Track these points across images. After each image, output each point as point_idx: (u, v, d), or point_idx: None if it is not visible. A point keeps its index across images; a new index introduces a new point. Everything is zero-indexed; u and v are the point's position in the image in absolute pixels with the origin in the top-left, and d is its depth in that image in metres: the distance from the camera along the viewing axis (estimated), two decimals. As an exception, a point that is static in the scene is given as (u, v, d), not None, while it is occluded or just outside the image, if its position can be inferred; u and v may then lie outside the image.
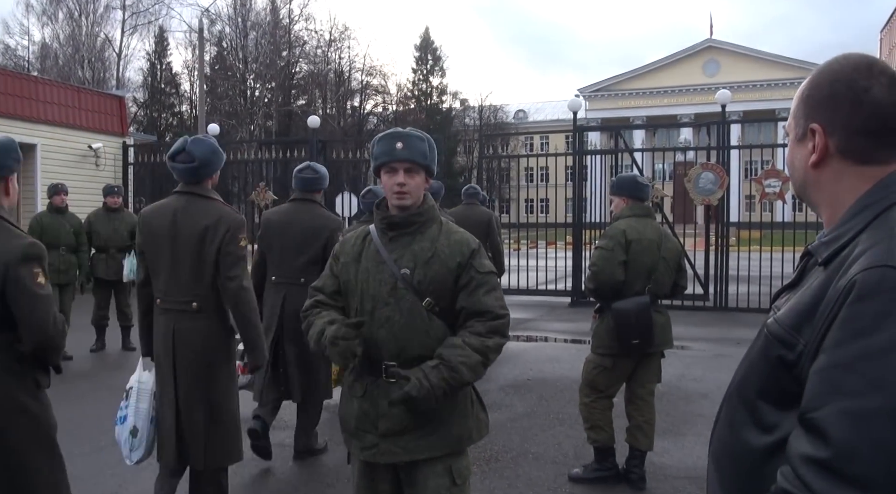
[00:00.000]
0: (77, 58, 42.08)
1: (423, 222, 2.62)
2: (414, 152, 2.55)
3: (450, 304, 2.57)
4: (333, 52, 51.88)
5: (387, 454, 2.55)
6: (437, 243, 2.59)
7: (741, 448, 1.24)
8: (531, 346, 9.65)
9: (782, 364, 1.17)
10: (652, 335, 4.44)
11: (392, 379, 2.52)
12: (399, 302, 2.53)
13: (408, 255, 2.57)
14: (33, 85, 15.76)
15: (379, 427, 2.55)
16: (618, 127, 17.13)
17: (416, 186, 2.58)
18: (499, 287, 2.65)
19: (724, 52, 56.77)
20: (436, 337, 2.54)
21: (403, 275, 2.54)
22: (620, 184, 4.70)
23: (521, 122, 61.20)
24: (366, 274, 2.60)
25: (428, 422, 2.53)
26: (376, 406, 2.55)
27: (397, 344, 2.53)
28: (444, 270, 2.55)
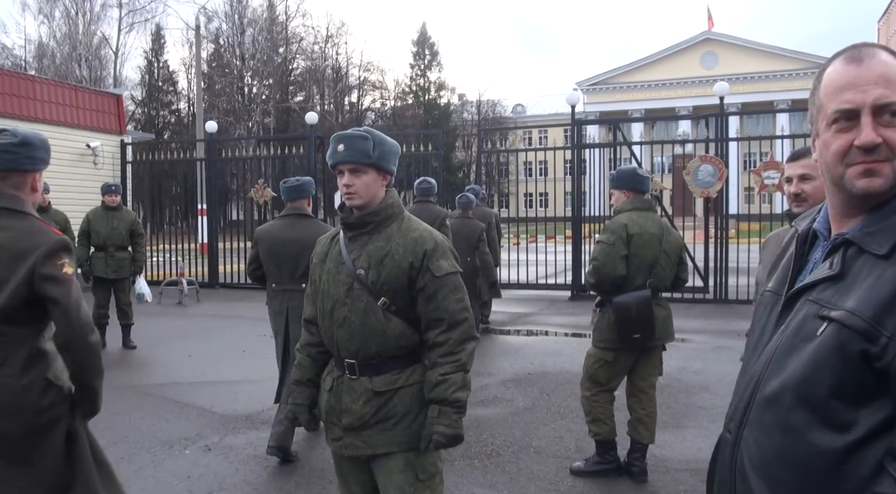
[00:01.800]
0: (74, 56, 42.00)
1: (379, 221, 2.60)
2: (354, 153, 2.54)
3: (407, 303, 2.56)
4: (330, 48, 51.92)
5: (350, 447, 2.60)
6: (392, 242, 2.57)
7: (808, 452, 1.16)
8: (532, 340, 9.66)
9: (863, 358, 1.12)
10: (653, 329, 4.44)
11: (354, 376, 2.58)
12: (355, 303, 2.56)
13: (364, 255, 2.58)
14: (30, 84, 15.73)
15: (342, 421, 2.61)
16: (616, 120, 17.12)
17: (363, 186, 2.56)
18: (460, 287, 2.61)
19: (722, 44, 56.72)
20: (393, 336, 2.55)
21: (358, 276, 2.56)
22: (621, 178, 4.69)
23: (519, 116, 61.17)
24: (328, 274, 2.65)
25: (389, 418, 2.56)
26: (340, 400, 2.62)
27: (355, 344, 2.56)
28: (396, 270, 2.54)
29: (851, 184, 1.24)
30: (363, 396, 2.57)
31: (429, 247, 2.56)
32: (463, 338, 2.55)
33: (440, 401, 2.50)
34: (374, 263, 2.55)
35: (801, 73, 54.04)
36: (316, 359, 2.78)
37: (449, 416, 2.49)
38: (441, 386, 2.49)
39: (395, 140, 2.68)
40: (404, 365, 2.58)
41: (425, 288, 2.54)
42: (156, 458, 4.62)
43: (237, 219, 17.90)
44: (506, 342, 9.50)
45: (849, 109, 1.23)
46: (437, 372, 2.51)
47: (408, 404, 2.56)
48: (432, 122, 49.41)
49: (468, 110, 58.12)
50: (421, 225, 2.68)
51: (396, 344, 2.56)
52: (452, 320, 2.54)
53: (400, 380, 2.57)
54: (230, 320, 11.04)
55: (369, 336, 2.54)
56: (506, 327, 10.60)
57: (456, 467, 4.81)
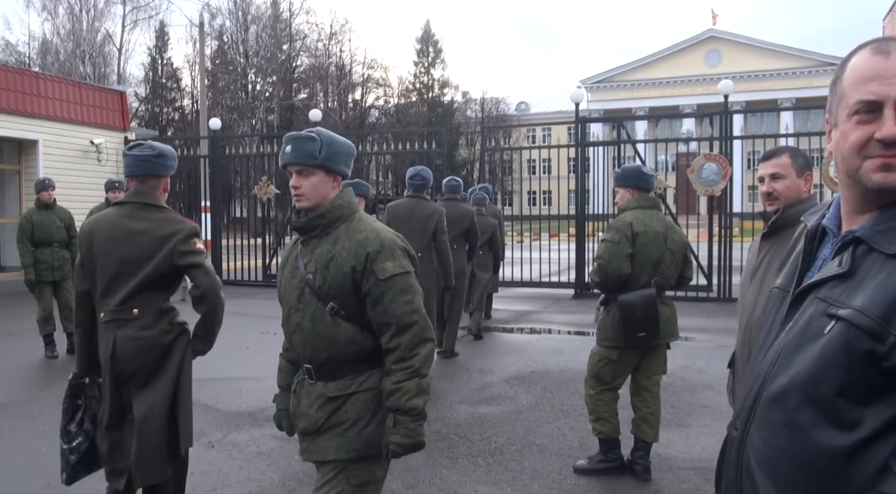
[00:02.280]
0: (78, 53, 42.02)
1: (326, 224, 2.55)
2: (300, 154, 2.51)
3: (356, 307, 2.51)
4: (334, 45, 51.92)
5: (305, 452, 2.59)
6: (338, 245, 2.52)
7: (814, 451, 1.15)
8: (535, 338, 9.65)
9: (871, 358, 1.11)
10: (657, 327, 4.43)
11: (312, 380, 2.57)
12: (306, 308, 2.53)
13: (313, 260, 2.54)
14: (35, 80, 15.75)
15: (299, 425, 2.60)
16: (620, 118, 17.08)
17: (311, 188, 2.52)
18: (408, 288, 2.51)
19: (726, 42, 56.60)
20: (343, 341, 2.51)
21: (307, 281, 2.53)
22: (625, 176, 4.67)
23: (523, 114, 61.12)
24: (286, 279, 2.64)
25: (340, 423, 2.51)
26: (299, 404, 2.61)
27: (308, 349, 2.55)
28: (340, 274, 2.48)
29: (868, 178, 1.22)
30: (318, 401, 2.54)
31: (372, 249, 2.48)
32: (415, 342, 2.47)
33: (395, 411, 2.43)
34: (321, 268, 2.51)
35: (805, 71, 53.92)
36: (295, 363, 2.76)
37: (405, 425, 2.42)
38: (395, 395, 2.42)
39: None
40: (360, 370, 2.53)
41: (370, 292, 2.48)
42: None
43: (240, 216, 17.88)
44: (509, 340, 9.50)
45: (872, 101, 1.21)
46: (391, 380, 2.44)
47: (360, 410, 2.50)
48: (436, 120, 49.40)
49: (472, 108, 58.08)
50: (370, 225, 2.58)
51: (347, 349, 2.51)
52: (400, 323, 2.46)
53: (353, 386, 2.51)
54: (233, 317, 11.02)
55: (319, 341, 2.52)
56: (509, 325, 10.60)
57: (459, 465, 4.81)
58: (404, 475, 4.61)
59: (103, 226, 3.37)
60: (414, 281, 2.55)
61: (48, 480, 4.50)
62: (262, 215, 16.39)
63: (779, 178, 2.95)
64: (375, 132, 43.35)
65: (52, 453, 4.95)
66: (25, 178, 15.24)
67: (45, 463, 4.78)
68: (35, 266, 8.13)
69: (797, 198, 2.94)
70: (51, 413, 5.96)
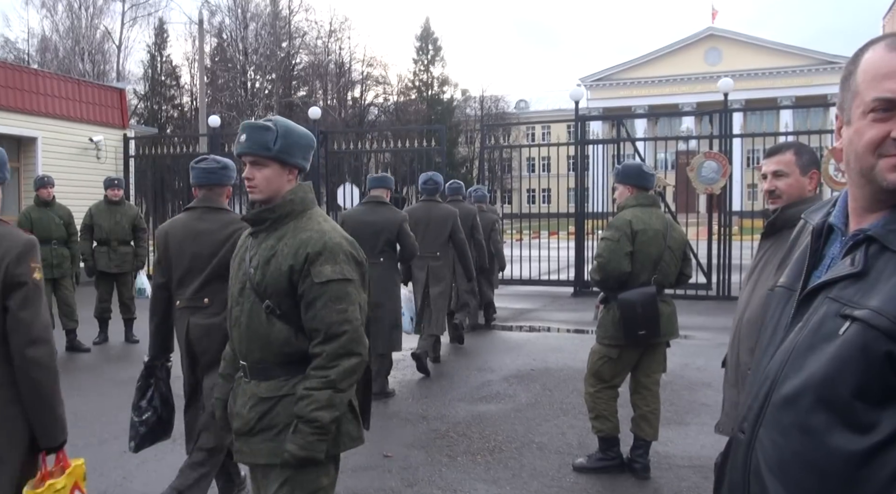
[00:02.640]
0: (77, 50, 42.02)
1: (275, 219, 2.46)
2: (253, 144, 2.42)
3: (292, 308, 2.41)
4: (334, 42, 51.87)
5: (239, 453, 2.50)
6: (282, 242, 2.43)
7: (828, 454, 1.13)
8: (534, 336, 9.65)
9: (889, 359, 1.08)
10: (658, 325, 4.42)
11: (247, 378, 2.48)
12: (245, 303, 2.46)
13: (258, 254, 2.46)
14: (34, 78, 15.73)
15: (234, 424, 2.51)
16: (619, 116, 17.07)
17: (263, 179, 2.44)
18: (344, 296, 2.39)
19: (726, 40, 56.61)
20: (277, 342, 2.41)
21: (249, 275, 2.46)
22: (626, 173, 4.66)
23: (522, 112, 61.12)
24: (234, 271, 2.57)
25: (272, 427, 2.41)
26: (235, 402, 2.53)
27: (244, 346, 2.47)
28: (278, 273, 2.39)
29: (882, 178, 1.19)
30: (251, 400, 2.44)
31: (312, 251, 2.37)
32: (338, 353, 2.34)
33: (299, 418, 2.32)
34: (262, 264, 2.42)
35: (805, 69, 53.93)
36: None
37: (304, 436, 2.31)
38: (303, 401, 2.32)
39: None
40: (293, 373, 2.41)
41: (305, 295, 2.37)
42: (158, 452, 4.61)
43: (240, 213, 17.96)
44: (508, 338, 9.50)
45: (890, 99, 1.18)
46: (304, 385, 2.34)
47: (291, 415, 2.38)
48: (435, 118, 49.41)
49: (471, 106, 58.07)
50: (318, 225, 2.46)
51: (281, 351, 2.41)
52: (329, 332, 2.34)
53: (284, 388, 2.41)
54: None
55: (254, 339, 2.43)
56: (508, 323, 10.59)
57: (458, 463, 4.80)
58: (403, 473, 4.61)
59: (177, 228, 3.90)
60: (353, 290, 2.41)
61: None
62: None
63: (781, 176, 2.89)
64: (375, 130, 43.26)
65: (51, 450, 4.95)
66: (24, 176, 15.22)
67: (43, 461, 4.78)
68: (33, 263, 8.12)
69: (800, 196, 2.89)
70: (50, 411, 5.96)
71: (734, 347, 2.90)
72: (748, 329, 2.82)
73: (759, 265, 2.91)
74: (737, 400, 2.80)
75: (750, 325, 2.82)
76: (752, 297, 2.88)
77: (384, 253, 6.28)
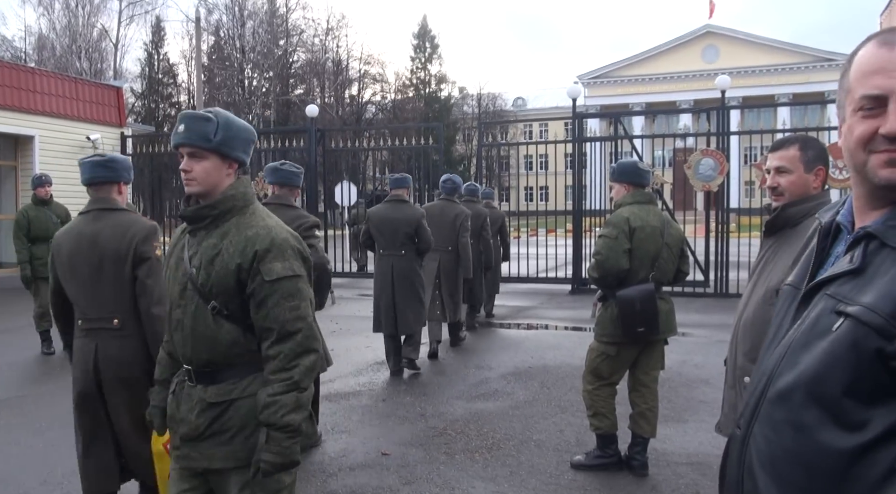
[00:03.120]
0: (74, 48, 41.93)
1: (216, 215, 2.35)
2: (193, 135, 2.30)
3: (241, 308, 2.33)
4: (331, 40, 51.90)
5: (186, 458, 2.39)
6: (226, 240, 2.33)
7: (818, 451, 1.12)
8: (532, 334, 9.65)
9: (879, 357, 1.07)
10: (657, 322, 4.42)
11: (192, 383, 2.39)
12: (187, 305, 2.35)
13: (199, 253, 2.35)
14: (31, 76, 15.70)
15: (179, 430, 2.41)
16: (617, 113, 17.07)
17: (202, 172, 2.32)
18: (297, 293, 2.33)
19: (724, 37, 56.63)
20: (225, 344, 2.33)
21: (190, 276, 2.34)
22: (622, 171, 4.65)
23: (519, 110, 61.12)
24: (170, 272, 2.45)
25: (224, 431, 2.34)
26: (178, 408, 2.42)
27: (188, 349, 2.36)
28: (224, 271, 2.30)
29: (874, 174, 1.19)
30: (198, 406, 2.35)
31: (261, 248, 2.30)
32: (297, 352, 2.28)
33: (269, 425, 2.24)
34: (205, 263, 2.32)
35: (802, 66, 53.96)
36: (175, 357, 2.55)
37: (279, 443, 2.24)
38: (270, 409, 2.24)
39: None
40: (242, 375, 2.35)
41: (255, 294, 2.29)
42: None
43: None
44: (506, 336, 9.50)
45: (876, 95, 1.18)
46: (267, 391, 2.26)
47: (244, 417, 2.32)
48: (433, 116, 49.41)
49: (469, 103, 58.07)
50: (263, 221, 2.38)
51: (229, 352, 2.33)
52: (283, 331, 2.28)
53: (235, 391, 2.34)
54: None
55: (200, 342, 2.33)
56: (506, 321, 10.60)
57: (457, 460, 4.81)
58: (401, 471, 4.61)
59: None
60: (304, 287, 2.36)
61: (44, 477, 4.50)
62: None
63: (784, 173, 2.77)
64: (372, 128, 43.26)
65: (49, 449, 4.95)
66: (21, 174, 15.21)
67: (41, 460, 4.78)
68: (31, 262, 8.11)
69: (804, 194, 2.77)
70: (47, 410, 5.96)
71: (732, 349, 2.88)
72: (745, 331, 2.79)
73: (761, 264, 2.84)
74: (735, 402, 2.78)
75: (747, 327, 2.78)
76: (750, 298, 2.83)
77: (405, 246, 7.00)
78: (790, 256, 2.72)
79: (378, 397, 6.41)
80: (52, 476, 4.54)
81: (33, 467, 4.67)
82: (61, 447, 4.73)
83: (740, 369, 2.78)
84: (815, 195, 2.78)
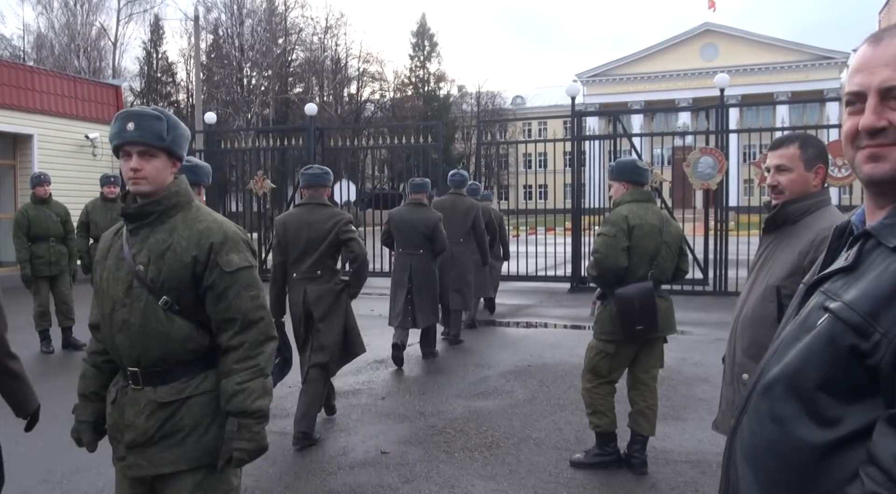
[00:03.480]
0: (73, 47, 41.85)
1: (161, 211, 2.34)
2: (146, 133, 2.28)
3: (193, 302, 2.33)
4: (330, 39, 51.77)
5: (133, 467, 2.33)
6: (176, 234, 2.32)
7: (792, 444, 1.12)
8: (531, 332, 9.66)
9: (854, 354, 1.07)
10: (656, 321, 4.42)
11: (137, 386, 2.33)
12: (134, 303, 2.30)
13: (145, 249, 2.32)
14: (29, 75, 15.69)
15: (125, 438, 2.34)
16: (616, 112, 17.07)
17: (154, 171, 2.31)
18: (254, 283, 2.37)
19: (722, 35, 56.62)
20: (178, 340, 2.30)
21: (137, 272, 2.30)
22: (620, 169, 4.66)
23: (518, 108, 61.06)
24: (108, 272, 2.38)
25: (175, 432, 2.30)
26: (123, 415, 2.35)
27: (136, 350, 2.30)
28: (178, 265, 2.29)
29: (859, 170, 1.20)
30: (147, 408, 2.30)
31: (216, 240, 2.32)
32: (260, 340, 2.33)
33: (240, 414, 2.25)
34: (155, 258, 2.30)
35: (801, 64, 53.96)
36: (101, 369, 2.51)
37: (250, 429, 2.26)
38: (239, 397, 2.25)
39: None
40: (194, 372, 2.33)
41: (214, 286, 2.30)
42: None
43: (236, 211, 17.81)
44: (505, 334, 9.51)
45: (857, 91, 1.19)
46: (234, 380, 2.27)
47: (197, 416, 2.30)
48: (432, 114, 49.35)
49: (467, 102, 58.02)
50: (210, 215, 2.42)
51: (182, 349, 2.31)
52: (246, 320, 2.30)
53: (188, 389, 2.31)
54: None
55: (151, 340, 2.29)
56: (505, 319, 10.60)
57: (456, 459, 4.81)
58: (400, 469, 4.62)
59: (293, 219, 5.28)
60: (258, 276, 2.41)
61: (44, 476, 4.50)
62: (258, 209, 16.34)
63: (784, 171, 2.77)
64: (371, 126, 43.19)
65: (49, 449, 4.95)
66: (20, 173, 15.20)
67: (41, 458, 4.78)
68: (31, 261, 8.11)
69: (803, 192, 2.78)
70: (47, 409, 5.93)
71: (731, 346, 2.88)
72: (743, 328, 2.80)
73: (759, 262, 2.84)
74: (733, 399, 2.78)
75: (745, 324, 2.79)
76: (749, 295, 2.83)
77: (423, 246, 7.46)
78: (790, 253, 2.74)
79: (377, 395, 6.41)
80: (52, 475, 4.55)
81: (33, 466, 4.67)
82: (61, 446, 4.72)
83: (738, 366, 2.78)
84: (814, 193, 2.80)
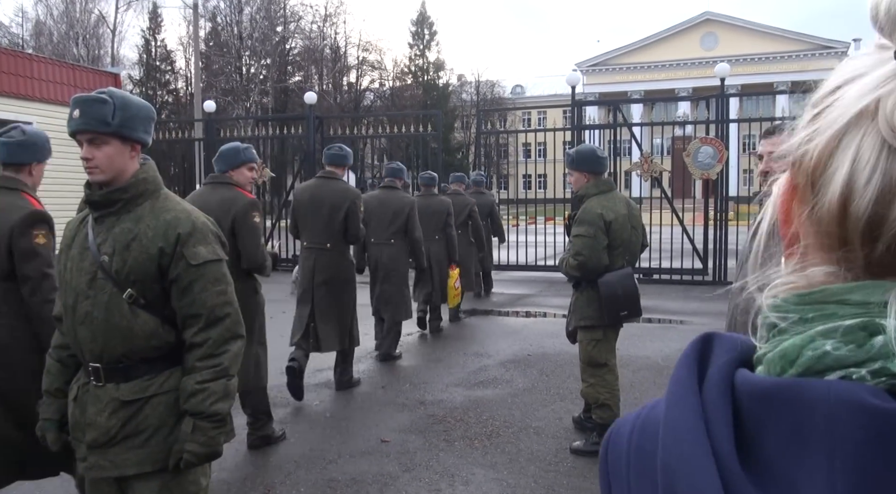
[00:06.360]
0: (71, 35, 41.75)
1: (128, 199, 2.22)
2: (90, 119, 2.16)
3: (159, 296, 2.22)
4: (329, 27, 51.55)
5: (95, 468, 2.23)
6: (142, 223, 2.21)
7: None
8: (531, 322, 9.67)
9: None
10: (639, 304, 4.53)
11: (99, 383, 2.23)
12: (98, 296, 2.19)
13: (110, 239, 2.21)
14: (28, 62, 15.63)
15: (86, 437, 2.23)
16: (616, 101, 17.03)
17: (105, 159, 2.19)
18: (222, 278, 2.28)
19: (722, 24, 56.42)
20: (142, 335, 2.20)
21: (102, 263, 2.19)
22: (581, 158, 4.62)
23: (518, 97, 60.88)
24: (72, 262, 2.26)
25: (139, 432, 2.20)
26: (84, 412, 2.24)
27: (98, 344, 2.20)
28: (144, 256, 2.18)
29: None
30: (109, 406, 2.20)
31: (183, 231, 2.21)
32: (225, 338, 2.23)
33: (196, 414, 2.17)
34: (119, 249, 2.18)
35: (801, 54, 53.79)
36: (66, 364, 2.38)
37: (206, 432, 2.17)
38: (197, 397, 2.16)
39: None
40: (159, 370, 2.23)
41: (179, 279, 2.20)
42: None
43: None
44: (505, 323, 9.51)
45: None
46: (194, 379, 2.17)
47: (162, 415, 2.21)
48: (431, 103, 49.21)
49: (467, 91, 57.84)
50: (179, 205, 2.31)
51: (147, 345, 2.20)
52: (211, 316, 2.21)
53: (152, 387, 2.21)
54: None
55: (114, 334, 2.18)
56: (505, 308, 10.61)
57: (456, 448, 4.83)
58: (400, 458, 4.63)
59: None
60: (227, 271, 2.31)
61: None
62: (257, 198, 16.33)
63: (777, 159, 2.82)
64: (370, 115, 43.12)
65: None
66: (19, 161, 15.17)
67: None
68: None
69: None
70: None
71: None
72: (743, 318, 2.81)
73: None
74: None
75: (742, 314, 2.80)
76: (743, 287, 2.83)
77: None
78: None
79: (377, 384, 6.42)
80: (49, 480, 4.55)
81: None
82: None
83: None
84: None
